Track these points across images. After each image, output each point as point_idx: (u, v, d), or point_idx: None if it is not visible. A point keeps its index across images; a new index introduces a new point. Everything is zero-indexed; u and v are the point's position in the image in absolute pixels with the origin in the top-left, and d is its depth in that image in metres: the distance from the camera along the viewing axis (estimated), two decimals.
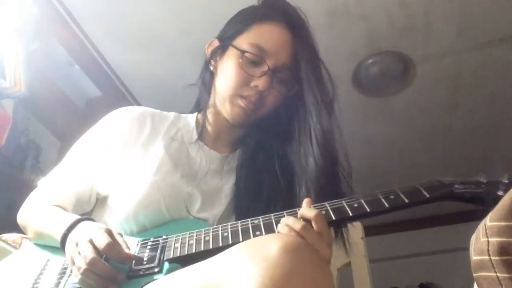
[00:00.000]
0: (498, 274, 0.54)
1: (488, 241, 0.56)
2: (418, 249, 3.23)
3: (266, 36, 0.98)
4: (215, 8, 1.92)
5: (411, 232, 3.30)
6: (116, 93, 2.36)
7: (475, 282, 0.59)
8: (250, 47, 0.97)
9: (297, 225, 0.75)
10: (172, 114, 1.10)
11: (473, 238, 0.60)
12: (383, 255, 2.89)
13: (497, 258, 0.54)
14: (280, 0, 1.04)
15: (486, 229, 0.57)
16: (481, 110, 2.54)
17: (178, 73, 2.18)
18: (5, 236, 1.25)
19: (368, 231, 1.36)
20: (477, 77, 2.34)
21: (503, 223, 0.55)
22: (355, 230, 1.31)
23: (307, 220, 0.76)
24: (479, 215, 0.61)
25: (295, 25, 1.00)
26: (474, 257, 0.58)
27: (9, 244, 1.23)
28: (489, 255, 0.55)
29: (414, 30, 2.11)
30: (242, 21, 1.03)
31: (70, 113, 2.20)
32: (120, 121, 1.04)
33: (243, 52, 0.97)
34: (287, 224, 0.76)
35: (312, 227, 0.75)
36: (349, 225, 1.25)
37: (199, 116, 1.09)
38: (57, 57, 2.15)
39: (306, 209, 0.77)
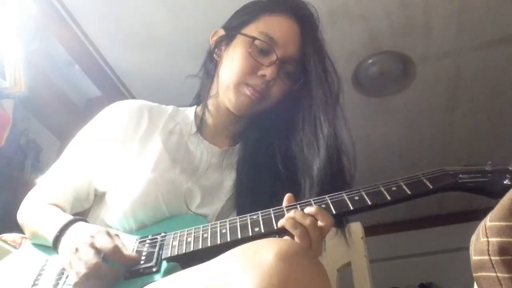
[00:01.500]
0: (498, 274, 0.54)
1: (488, 241, 0.56)
2: (418, 249, 3.23)
3: (276, 27, 0.97)
4: (215, 8, 1.92)
5: (411, 232, 3.30)
6: (116, 93, 2.35)
7: (475, 282, 0.59)
8: (260, 35, 0.96)
9: (307, 220, 0.74)
10: (170, 108, 1.09)
11: (473, 238, 0.60)
12: (383, 255, 2.89)
13: (497, 258, 0.54)
14: None
15: (486, 229, 0.57)
16: (481, 110, 2.54)
17: (178, 73, 2.17)
18: (5, 236, 1.25)
19: (368, 231, 1.35)
20: (477, 77, 2.34)
21: (503, 223, 0.55)
22: (355, 230, 1.31)
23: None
24: (479, 215, 0.61)
25: (304, 19, 1.00)
26: (474, 257, 0.58)
27: (9, 244, 1.23)
28: (489, 255, 0.55)
29: (414, 30, 2.10)
30: (251, 11, 1.03)
31: (70, 113, 2.20)
32: (117, 115, 1.03)
33: (253, 39, 0.96)
34: (295, 218, 0.74)
35: (317, 224, 0.74)
36: (348, 224, 1.25)
37: (198, 109, 1.08)
38: (57, 57, 2.14)
39: (323, 213, 0.76)
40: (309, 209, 0.76)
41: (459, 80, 2.36)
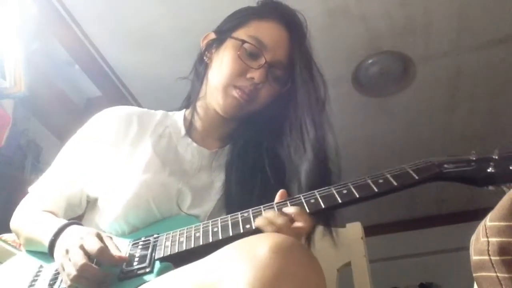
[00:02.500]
0: (498, 274, 0.54)
1: (488, 241, 0.56)
2: (418, 249, 3.23)
3: (265, 31, 0.99)
4: (215, 8, 1.92)
5: (411, 232, 3.30)
6: (116, 93, 2.36)
7: (475, 282, 0.59)
8: (249, 39, 0.98)
9: (278, 220, 0.73)
10: (159, 112, 1.10)
11: (473, 238, 0.60)
12: (383, 255, 2.89)
13: (497, 258, 0.54)
14: (279, 1, 1.07)
15: (486, 229, 0.57)
16: (481, 110, 2.54)
17: (178, 73, 2.17)
18: (5, 236, 1.25)
19: (368, 231, 1.35)
20: (477, 77, 2.34)
21: (503, 223, 0.55)
22: (355, 230, 1.31)
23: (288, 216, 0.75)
24: (479, 215, 0.61)
25: (292, 26, 1.01)
26: (474, 257, 0.58)
27: (9, 244, 1.23)
28: (489, 255, 0.55)
29: (414, 30, 2.11)
30: (242, 16, 1.05)
31: (70, 113, 2.20)
32: (107, 121, 1.04)
33: (243, 42, 0.98)
34: (267, 217, 0.74)
35: (291, 223, 0.74)
36: (348, 225, 1.26)
37: (187, 112, 1.09)
38: (57, 57, 2.15)
39: (299, 213, 0.76)
40: (287, 209, 0.76)
41: (459, 80, 2.36)
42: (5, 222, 1.09)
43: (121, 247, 0.81)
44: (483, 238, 0.57)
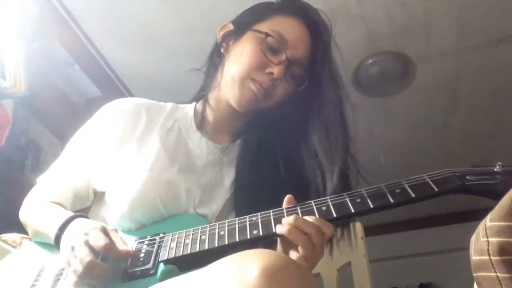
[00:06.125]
0: (498, 274, 0.54)
1: (488, 241, 0.56)
2: (418, 249, 3.23)
3: (288, 27, 0.98)
4: (215, 8, 1.92)
5: (411, 232, 3.29)
6: (116, 93, 2.35)
7: (475, 282, 0.58)
8: (272, 32, 0.96)
9: (311, 229, 0.72)
10: (169, 105, 1.08)
11: (473, 238, 0.60)
12: (383, 255, 2.89)
13: (497, 258, 0.54)
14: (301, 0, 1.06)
15: (486, 229, 0.57)
16: (481, 110, 2.54)
17: (178, 73, 2.17)
18: (5, 236, 1.25)
19: (368, 231, 1.35)
20: (477, 77, 2.34)
21: (503, 223, 0.55)
22: (355, 230, 1.31)
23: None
24: (479, 215, 0.61)
25: (314, 26, 1.00)
26: (474, 257, 0.58)
27: (9, 244, 1.23)
28: (489, 255, 0.55)
29: (414, 30, 2.10)
30: (263, 10, 1.03)
31: (70, 113, 2.20)
32: (114, 115, 1.02)
33: (266, 35, 0.96)
34: (299, 226, 0.72)
35: (320, 230, 0.73)
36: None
37: (198, 105, 1.07)
38: (57, 57, 2.14)
39: (324, 223, 0.74)
40: (309, 219, 0.74)
41: (459, 80, 2.36)
42: (5, 222, 1.09)
43: (127, 244, 0.81)
44: (483, 238, 0.56)
